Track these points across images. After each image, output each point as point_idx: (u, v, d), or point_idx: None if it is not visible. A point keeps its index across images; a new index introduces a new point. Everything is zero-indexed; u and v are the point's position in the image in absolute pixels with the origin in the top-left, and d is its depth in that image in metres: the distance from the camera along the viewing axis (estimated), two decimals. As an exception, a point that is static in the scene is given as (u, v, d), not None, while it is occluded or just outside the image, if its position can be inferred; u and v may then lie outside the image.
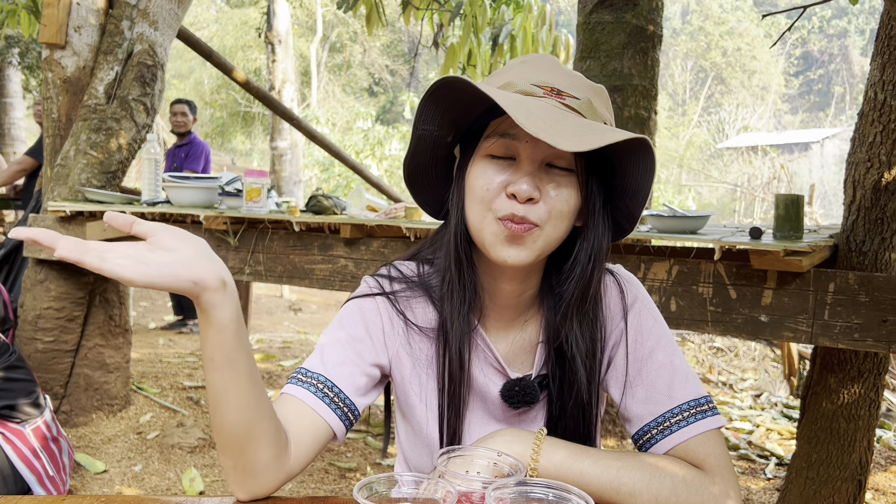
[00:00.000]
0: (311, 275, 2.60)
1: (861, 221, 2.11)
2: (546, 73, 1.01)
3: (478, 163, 1.00)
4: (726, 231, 2.27)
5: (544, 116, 0.91)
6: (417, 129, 1.03)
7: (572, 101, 0.97)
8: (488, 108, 1.00)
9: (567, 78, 1.01)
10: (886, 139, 2.05)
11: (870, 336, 1.83)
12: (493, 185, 0.97)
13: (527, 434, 0.98)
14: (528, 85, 0.98)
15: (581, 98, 0.98)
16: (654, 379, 1.06)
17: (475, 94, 0.95)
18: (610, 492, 0.96)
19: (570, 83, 1.00)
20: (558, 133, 0.88)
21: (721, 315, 2.01)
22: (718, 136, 24.61)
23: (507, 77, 1.02)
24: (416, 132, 1.04)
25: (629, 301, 1.11)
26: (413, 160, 1.08)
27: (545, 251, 1.00)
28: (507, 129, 0.97)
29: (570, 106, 0.97)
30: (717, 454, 1.01)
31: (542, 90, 0.98)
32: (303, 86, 22.09)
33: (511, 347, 1.12)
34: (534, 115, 0.90)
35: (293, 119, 5.58)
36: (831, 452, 2.18)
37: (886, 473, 3.75)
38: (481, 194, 0.98)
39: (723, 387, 5.64)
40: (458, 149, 1.09)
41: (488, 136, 1.00)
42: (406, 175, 1.10)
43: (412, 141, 1.05)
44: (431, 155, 1.08)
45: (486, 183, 0.98)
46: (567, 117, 0.94)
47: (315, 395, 1.01)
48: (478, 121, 1.03)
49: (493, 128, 1.00)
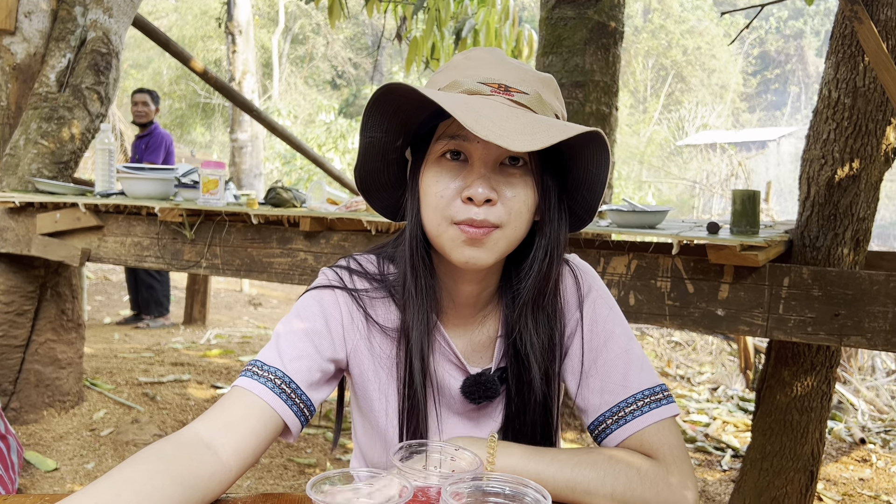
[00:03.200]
0: (270, 268, 2.56)
1: (815, 217, 2.15)
2: (492, 69, 0.99)
3: (430, 167, 0.98)
4: (684, 226, 2.30)
5: (493, 117, 0.89)
6: (365, 136, 1.00)
7: (521, 97, 0.95)
8: (436, 109, 0.98)
9: (514, 72, 0.99)
10: (840, 136, 2.09)
11: (822, 330, 1.87)
12: (448, 191, 0.95)
13: (480, 440, 0.97)
14: (474, 83, 0.96)
15: (530, 93, 0.96)
16: (609, 368, 1.06)
17: (421, 99, 0.93)
18: (566, 491, 0.95)
19: (517, 77, 0.98)
20: (509, 133, 0.86)
21: (679, 309, 2.03)
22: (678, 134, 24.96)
23: (452, 75, 0.99)
24: (363, 139, 1.01)
25: (584, 291, 1.10)
26: (364, 166, 1.06)
27: (506, 251, 0.99)
28: (457, 130, 0.95)
29: (520, 102, 0.95)
30: (672, 443, 1.02)
31: (489, 88, 0.96)
32: (264, 77, 21.80)
33: (470, 343, 1.11)
34: (483, 116, 0.87)
35: (253, 110, 5.49)
36: (785, 444, 2.22)
37: (837, 464, 3.84)
38: (436, 201, 0.96)
39: (681, 380, 5.72)
40: (409, 152, 1.07)
41: (438, 138, 0.98)
42: (358, 181, 1.08)
43: (361, 147, 1.02)
44: (382, 160, 1.06)
45: (440, 189, 0.96)
46: (517, 115, 0.92)
47: (272, 390, 0.98)
48: (426, 123, 1.01)
49: (442, 130, 0.98)
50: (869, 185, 2.12)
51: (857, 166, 2.09)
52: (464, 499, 0.78)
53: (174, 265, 2.78)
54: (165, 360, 4.87)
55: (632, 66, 27.20)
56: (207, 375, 4.61)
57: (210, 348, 5.43)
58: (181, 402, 4.00)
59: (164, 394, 4.11)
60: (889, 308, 1.81)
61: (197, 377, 4.55)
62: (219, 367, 4.84)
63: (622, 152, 20.82)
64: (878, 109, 2.07)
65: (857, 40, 2.04)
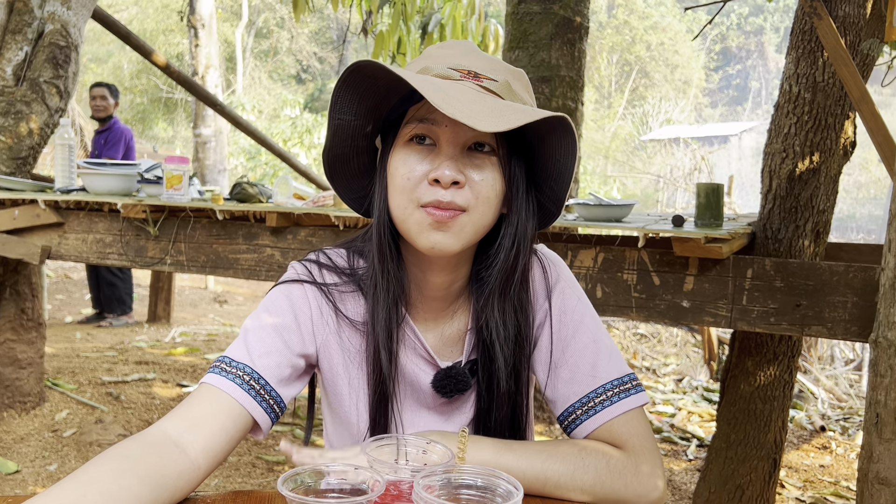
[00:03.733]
0: (236, 264, 2.53)
1: (777, 210, 2.19)
2: (463, 58, 0.99)
3: (398, 151, 0.98)
4: (650, 219, 2.32)
5: (462, 98, 0.89)
6: (334, 119, 0.99)
7: (490, 84, 0.96)
8: (406, 94, 0.98)
9: (484, 61, 1.00)
10: (800, 130, 2.14)
11: (784, 320, 1.91)
12: (415, 173, 0.95)
13: (451, 435, 0.97)
14: (444, 69, 0.97)
15: (499, 80, 0.97)
16: (578, 359, 1.06)
17: (391, 80, 0.92)
18: (537, 485, 0.96)
19: (487, 66, 0.99)
20: (476, 114, 0.86)
21: (645, 301, 2.05)
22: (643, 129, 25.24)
23: (424, 62, 1.00)
24: (332, 121, 1.00)
25: (552, 281, 1.11)
26: (332, 151, 1.04)
27: (473, 239, 0.99)
28: (426, 114, 0.95)
29: (488, 88, 0.96)
30: (641, 433, 1.03)
31: (459, 73, 0.96)
32: (228, 72, 21.49)
33: (441, 337, 1.10)
34: (451, 97, 0.88)
35: (217, 105, 5.42)
36: (748, 433, 2.26)
37: (798, 451, 3.93)
38: (403, 183, 0.96)
39: (646, 372, 5.80)
40: (379, 139, 1.07)
41: (407, 122, 0.97)
42: (326, 165, 1.06)
43: (329, 131, 1.01)
44: (351, 145, 1.05)
45: (407, 171, 0.95)
46: (485, 99, 0.92)
47: (241, 387, 0.97)
48: (396, 108, 1.01)
49: (411, 114, 0.97)
50: (828, 178, 2.16)
51: (817, 160, 2.13)
52: (436, 491, 0.78)
53: (138, 262, 2.73)
54: (129, 359, 4.79)
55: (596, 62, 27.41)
56: (173, 374, 4.55)
57: (175, 346, 5.35)
58: (146, 402, 3.94)
59: (129, 393, 4.04)
60: (848, 298, 1.85)
61: (162, 376, 4.48)
62: (184, 366, 4.77)
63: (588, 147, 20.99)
64: (837, 104, 2.12)
65: (817, 36, 2.08)
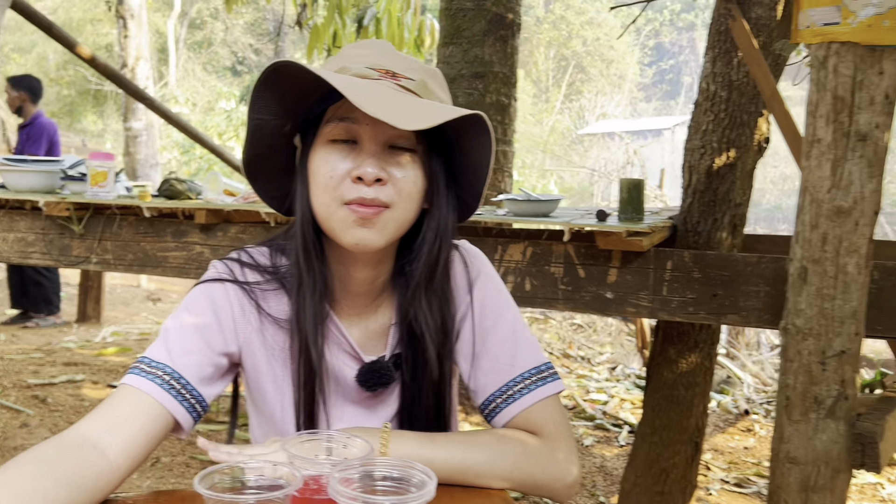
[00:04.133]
0: (165, 262, 2.49)
1: (696, 204, 2.28)
2: (380, 57, 1.02)
3: (319, 150, 1.00)
4: (576, 214, 2.39)
5: (382, 97, 0.92)
6: (252, 119, 1.00)
7: (408, 83, 0.99)
8: (325, 93, 0.99)
9: (401, 61, 1.03)
10: (717, 127, 2.23)
11: (702, 309, 1.99)
12: (338, 172, 0.97)
13: (373, 430, 0.99)
14: (363, 68, 0.99)
15: (416, 79, 1.00)
16: (498, 349, 1.10)
17: (310, 79, 0.94)
18: (458, 475, 0.99)
19: (404, 66, 1.02)
20: (397, 113, 0.89)
21: (571, 293, 2.11)
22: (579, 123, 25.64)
23: (341, 62, 1.02)
24: (251, 121, 1.01)
25: (473, 275, 1.14)
26: (251, 150, 1.05)
27: (396, 234, 1.01)
28: (346, 112, 0.97)
29: (406, 87, 0.99)
30: (556, 419, 1.07)
31: (377, 73, 0.99)
32: (160, 63, 20.90)
33: (365, 332, 1.12)
34: (371, 96, 0.91)
35: (145, 98, 5.29)
36: (672, 418, 2.36)
37: (724, 435, 4.10)
38: (325, 182, 0.97)
39: (582, 361, 5.93)
40: (299, 138, 1.08)
41: (328, 121, 0.99)
42: (245, 166, 1.07)
43: (248, 130, 1.02)
44: (270, 145, 1.06)
45: (329, 170, 0.97)
46: (404, 98, 0.96)
47: (161, 386, 0.97)
48: (315, 108, 1.02)
49: (331, 113, 0.99)
50: (744, 172, 2.27)
51: (734, 155, 2.23)
52: (353, 484, 0.80)
53: (62, 261, 2.66)
54: (57, 361, 4.64)
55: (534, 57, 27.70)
56: (103, 375, 4.44)
57: (106, 346, 5.21)
58: (75, 404, 3.84)
59: (56, 395, 3.93)
60: (761, 287, 1.95)
61: (92, 377, 4.36)
62: (115, 366, 4.66)
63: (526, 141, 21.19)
64: (751, 102, 2.22)
65: (732, 36, 2.17)
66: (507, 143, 3.96)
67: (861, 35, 1.63)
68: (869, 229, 1.68)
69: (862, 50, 1.64)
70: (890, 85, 1.64)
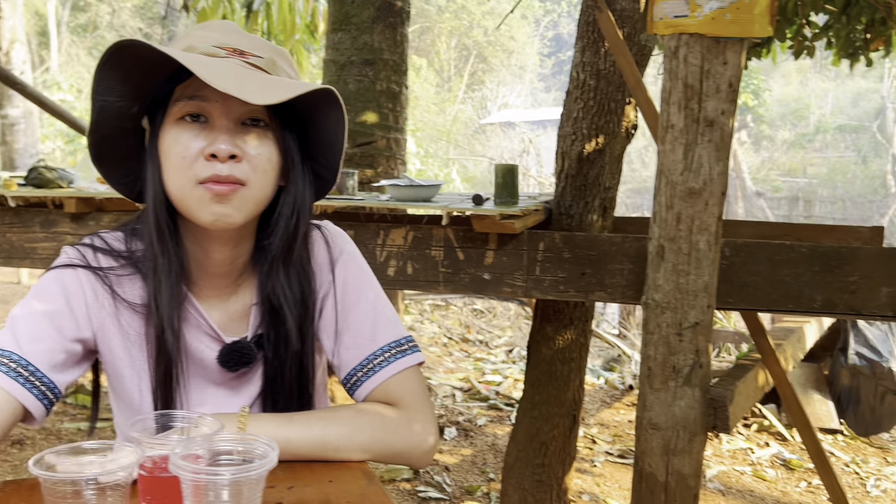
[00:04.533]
0: (33, 254, 2.39)
1: (569, 188, 2.39)
2: (227, 37, 1.02)
3: (169, 129, 0.99)
4: (456, 199, 2.45)
5: (230, 74, 0.93)
6: (97, 101, 0.98)
7: (256, 60, 1.00)
8: (173, 73, 0.99)
9: (248, 40, 1.03)
10: (587, 114, 2.33)
11: (572, 287, 2.09)
12: (190, 151, 0.96)
13: (231, 415, 1.00)
14: (209, 47, 0.99)
15: (265, 57, 1.02)
16: (360, 325, 1.12)
17: (156, 58, 0.93)
18: (318, 451, 1.01)
19: (252, 45, 1.03)
20: (247, 88, 0.90)
21: (451, 275, 2.17)
22: (482, 113, 25.97)
23: (187, 42, 1.02)
24: (95, 103, 0.98)
25: (335, 254, 1.16)
26: (97, 133, 1.02)
27: (254, 211, 1.02)
28: (196, 90, 0.97)
29: (255, 64, 1.00)
30: (415, 390, 1.11)
31: (224, 51, 0.99)
32: (40, 47, 19.69)
33: (226, 314, 1.12)
34: (220, 72, 0.91)
35: (17, 84, 5.00)
36: (550, 393, 2.46)
37: (611, 410, 4.30)
38: (179, 162, 0.97)
39: (480, 345, 6.06)
40: (147, 120, 1.07)
41: (176, 100, 0.99)
42: (91, 149, 1.04)
43: (93, 112, 1.00)
44: (116, 127, 1.04)
45: (182, 150, 0.97)
46: (253, 74, 0.97)
47: (7, 374, 0.95)
48: (163, 88, 1.01)
49: (180, 92, 0.99)
50: (613, 158, 2.38)
51: (602, 142, 2.34)
52: (197, 459, 0.81)
53: (-80, 255, 2.50)
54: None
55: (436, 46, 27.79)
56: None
57: (-20, 346, 4.91)
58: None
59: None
60: (625, 265, 2.06)
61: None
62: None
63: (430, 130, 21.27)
64: (618, 90, 2.33)
65: (599, 27, 2.27)
66: (398, 130, 3.99)
67: (706, 27, 1.75)
68: (718, 209, 1.82)
69: (708, 41, 1.75)
70: (733, 74, 1.77)
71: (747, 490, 3.42)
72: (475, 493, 3.11)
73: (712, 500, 3.27)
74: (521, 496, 2.47)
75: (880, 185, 19.28)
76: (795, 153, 22.29)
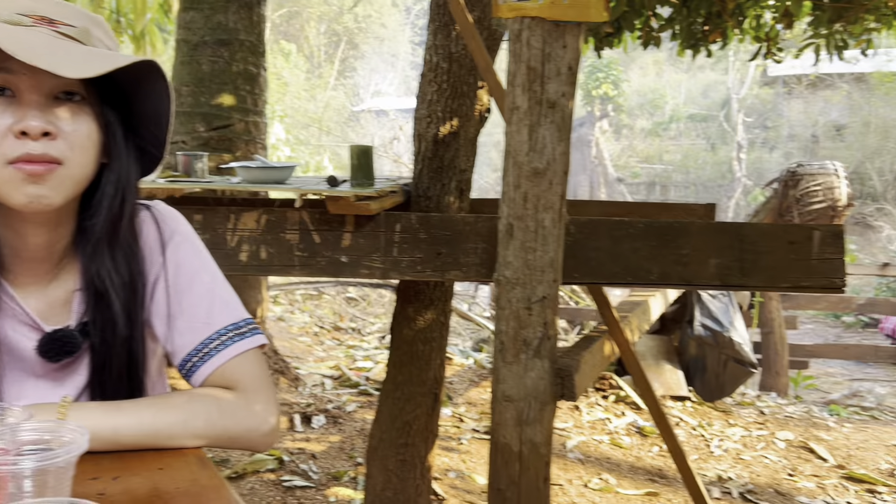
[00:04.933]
0: None
1: (426, 171, 2.41)
2: (33, 3, 0.96)
3: None
4: (312, 181, 2.42)
5: (39, 45, 0.87)
6: None
7: (68, 30, 0.94)
8: None
9: (58, 6, 0.97)
10: (441, 97, 2.36)
11: (428, 267, 2.12)
12: None
13: (50, 405, 0.94)
14: (12, 15, 0.92)
15: (77, 26, 0.95)
16: (194, 309, 1.08)
17: None
18: (149, 440, 0.97)
19: (62, 12, 0.96)
20: (59, 60, 0.84)
21: (307, 259, 2.14)
22: (355, 100, 25.76)
23: None
24: None
25: (167, 236, 1.11)
26: None
27: (74, 192, 0.96)
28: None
29: (67, 34, 0.94)
30: (255, 373, 1.08)
31: (30, 19, 0.93)
32: None
33: (46, 302, 1.06)
34: (26, 43, 0.85)
35: None
36: (412, 373, 2.49)
37: (478, 388, 4.40)
38: None
39: (353, 332, 6.05)
40: None
41: None
42: None
43: None
44: None
45: None
46: (65, 46, 0.91)
47: None
48: None
49: None
50: (467, 140, 2.43)
51: (457, 124, 2.38)
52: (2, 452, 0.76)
53: None
54: None
55: (305, 31, 27.24)
56: None
57: None
58: None
59: None
60: (479, 245, 2.11)
61: None
62: None
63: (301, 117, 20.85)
64: (470, 73, 2.37)
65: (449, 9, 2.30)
66: (258, 113, 3.89)
67: (547, 11, 1.81)
68: (561, 188, 1.89)
69: (549, 25, 1.81)
70: (573, 57, 1.84)
71: (605, 458, 3.61)
72: (342, 479, 3.11)
73: (572, 468, 3.43)
74: (385, 477, 2.49)
75: (727, 171, 20.79)
76: (652, 141, 23.62)
